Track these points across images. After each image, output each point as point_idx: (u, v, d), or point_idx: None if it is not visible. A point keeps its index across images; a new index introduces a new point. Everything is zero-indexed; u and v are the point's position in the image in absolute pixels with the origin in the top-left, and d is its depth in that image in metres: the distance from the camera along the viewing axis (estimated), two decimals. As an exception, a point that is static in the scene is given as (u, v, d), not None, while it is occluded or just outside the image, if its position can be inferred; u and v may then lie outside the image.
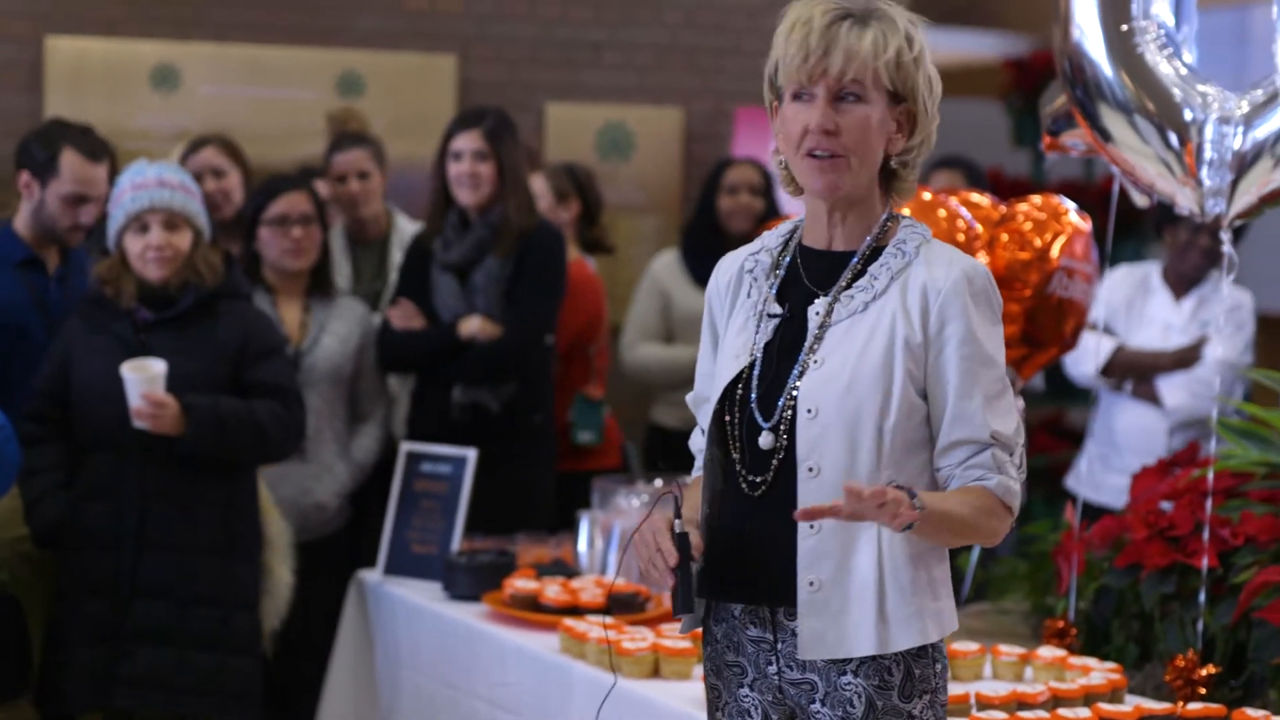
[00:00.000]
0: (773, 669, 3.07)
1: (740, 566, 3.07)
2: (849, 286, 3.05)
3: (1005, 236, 4.97)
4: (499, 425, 5.86)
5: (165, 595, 5.07)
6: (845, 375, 2.99)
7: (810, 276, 3.09)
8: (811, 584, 2.99)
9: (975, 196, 5.08)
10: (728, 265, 3.22)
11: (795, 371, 3.03)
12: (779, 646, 3.06)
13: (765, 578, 3.04)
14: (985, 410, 2.98)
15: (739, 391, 3.08)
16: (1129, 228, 9.16)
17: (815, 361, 3.01)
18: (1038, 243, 4.95)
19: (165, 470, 5.08)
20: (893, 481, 2.93)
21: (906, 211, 3.18)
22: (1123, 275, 6.86)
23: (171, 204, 5.15)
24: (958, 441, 3.00)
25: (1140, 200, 4.82)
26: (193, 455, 5.05)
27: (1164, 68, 4.34)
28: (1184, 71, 4.35)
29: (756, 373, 3.08)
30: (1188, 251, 6.68)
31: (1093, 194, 9.15)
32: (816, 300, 3.06)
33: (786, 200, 7.96)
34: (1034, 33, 10.96)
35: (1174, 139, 4.27)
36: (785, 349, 3.06)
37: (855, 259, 3.06)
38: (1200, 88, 4.31)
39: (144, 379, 4.99)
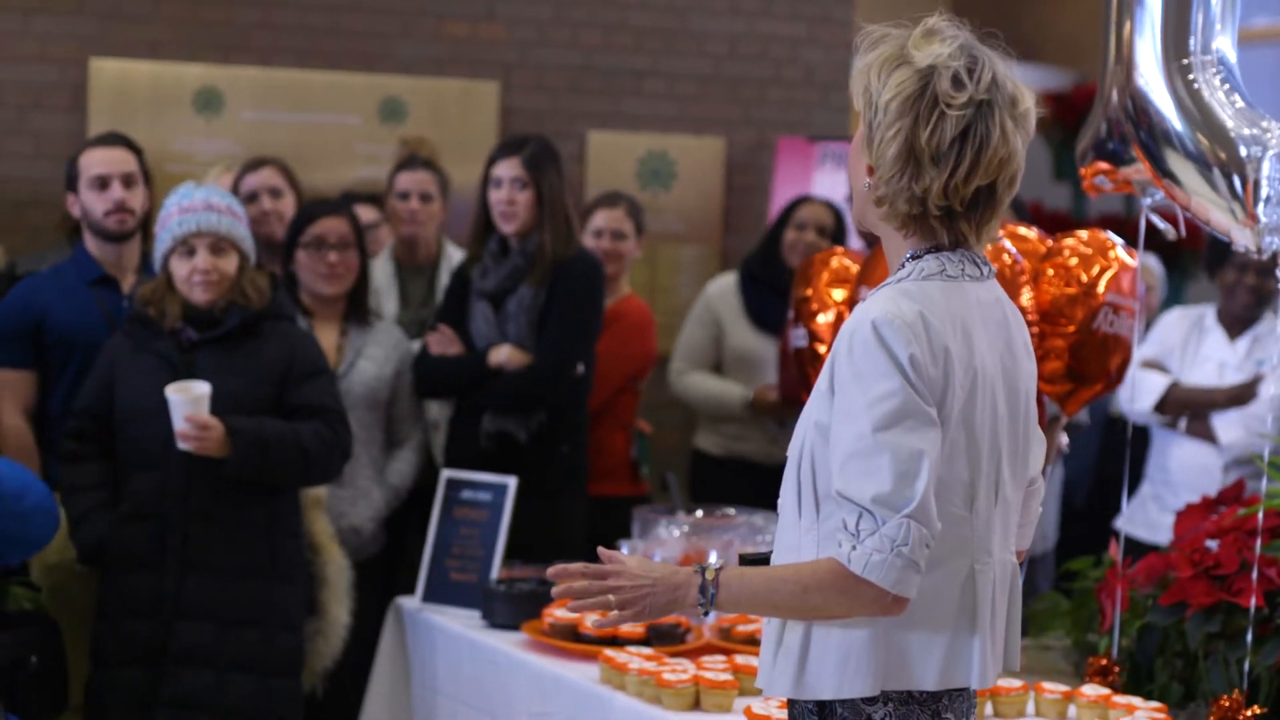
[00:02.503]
0: None
1: None
2: None
3: (1051, 271, 4.95)
4: (526, 455, 5.84)
5: (207, 617, 5.08)
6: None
7: None
8: (768, 621, 3.04)
9: (1023, 230, 5.06)
10: None
11: None
12: None
13: None
14: (838, 469, 2.84)
15: None
16: (1169, 264, 9.14)
17: None
18: (1084, 278, 4.92)
19: (208, 491, 5.09)
20: (810, 531, 2.91)
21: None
22: (1178, 316, 6.85)
23: (218, 228, 5.16)
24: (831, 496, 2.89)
25: (1170, 233, 4.81)
26: (237, 477, 5.05)
27: (1223, 104, 4.31)
28: (1240, 105, 4.32)
29: None
30: (1236, 291, 6.67)
31: (1132, 229, 9.12)
32: None
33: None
34: (1075, 67, 10.95)
35: (1238, 184, 4.23)
36: None
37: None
38: (1260, 124, 4.27)
39: (188, 400, 4.99)
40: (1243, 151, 4.24)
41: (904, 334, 2.84)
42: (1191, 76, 4.33)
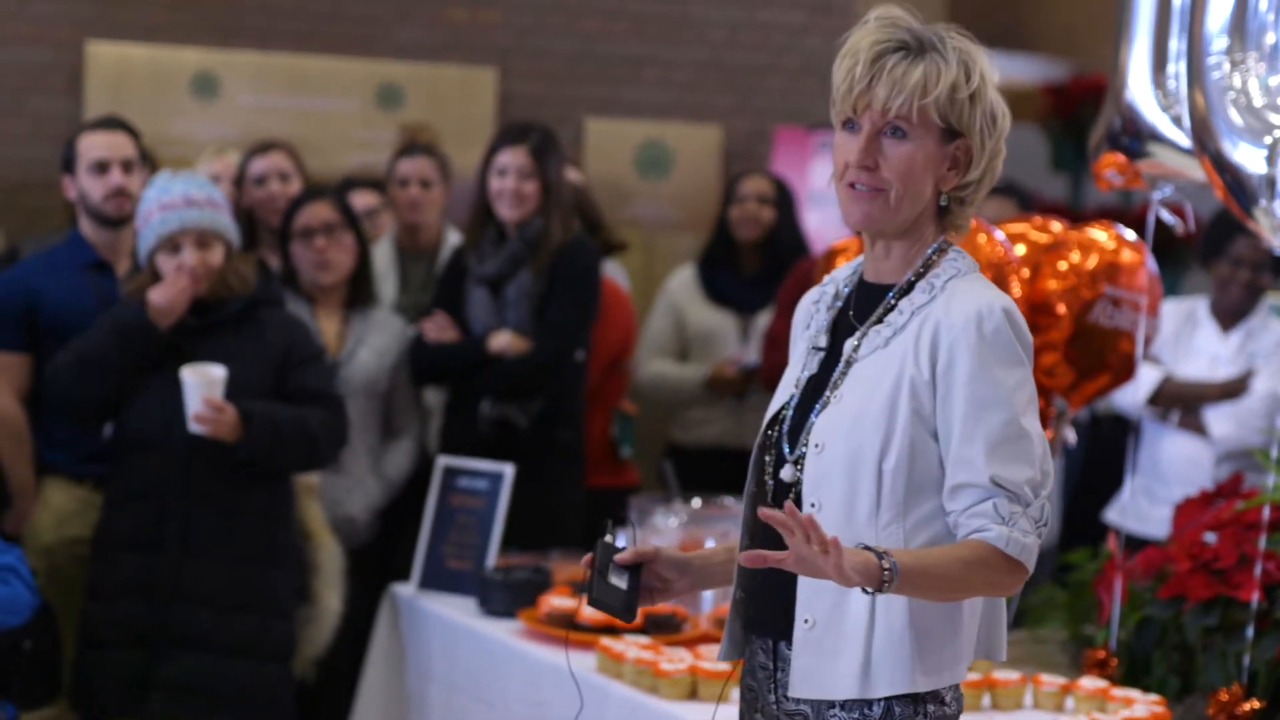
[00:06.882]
0: (772, 698, 3.06)
1: (759, 598, 3.08)
2: (880, 321, 3.00)
3: (1050, 264, 4.94)
4: (526, 441, 5.83)
5: (206, 601, 5.06)
6: (852, 412, 2.95)
7: (856, 310, 3.05)
8: (806, 621, 2.96)
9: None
10: (805, 298, 3.19)
11: (818, 406, 3.01)
12: (778, 676, 3.05)
13: (775, 611, 3.03)
14: (987, 455, 2.86)
15: (777, 425, 3.07)
16: (1167, 256, 9.13)
17: (836, 397, 2.98)
18: (1082, 270, 4.91)
19: (210, 475, 5.08)
20: (891, 525, 2.90)
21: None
22: (1170, 309, 6.85)
23: (201, 223, 5.14)
24: (959, 485, 2.89)
25: (1178, 227, 4.80)
26: (248, 461, 5.04)
27: (1254, 99, 4.25)
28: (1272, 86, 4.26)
29: (792, 405, 3.06)
30: (1230, 286, 6.69)
31: (1130, 220, 9.11)
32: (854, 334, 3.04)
33: (825, 218, 7.95)
34: (1073, 57, 10.94)
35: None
36: (820, 383, 3.04)
37: (892, 293, 3.01)
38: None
39: (205, 383, 4.98)
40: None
41: (1023, 322, 2.94)
42: (1220, 73, 4.26)
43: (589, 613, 4.77)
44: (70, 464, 5.44)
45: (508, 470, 5.38)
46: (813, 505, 2.96)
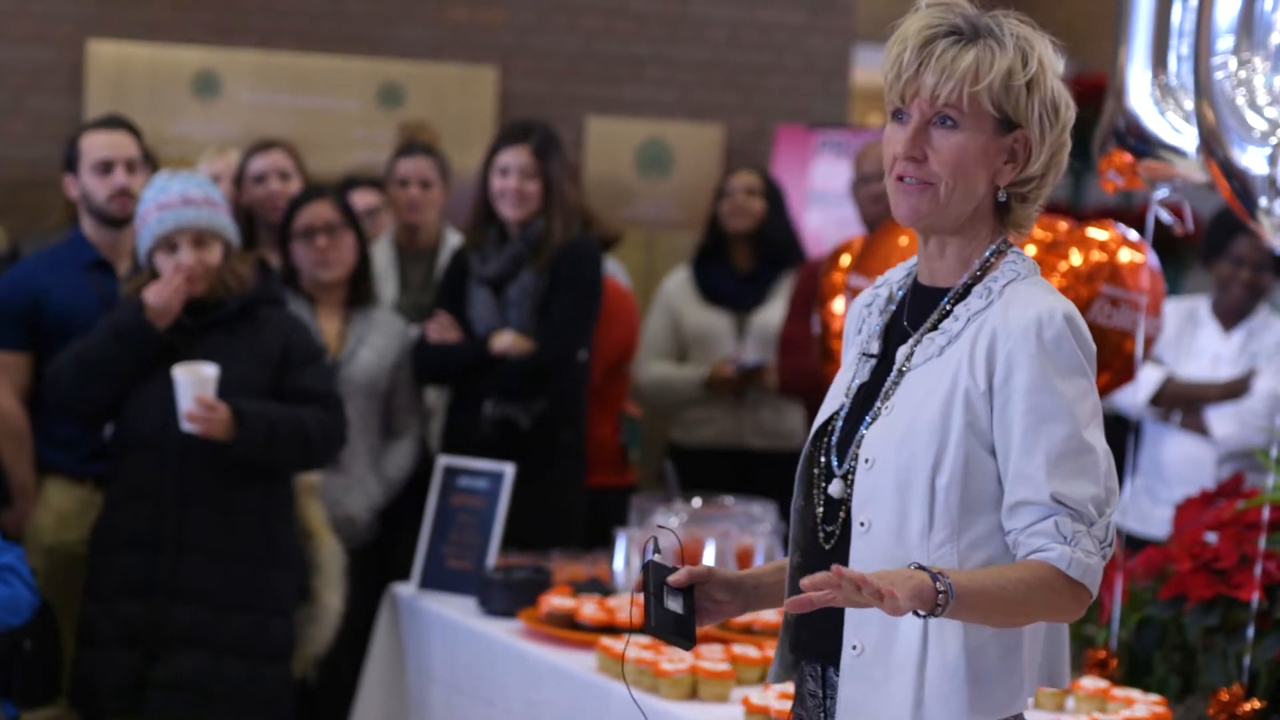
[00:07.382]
0: None
1: (808, 621, 2.90)
2: (934, 328, 2.84)
3: (1052, 264, 4.94)
4: (528, 441, 5.83)
5: (203, 600, 5.06)
6: (904, 424, 2.78)
7: (910, 314, 2.89)
8: (855, 648, 2.80)
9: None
10: (857, 301, 3.02)
11: (868, 417, 2.85)
12: (828, 705, 2.90)
13: (824, 635, 2.86)
14: (1048, 471, 2.69)
15: (826, 436, 2.91)
16: (1167, 255, 9.12)
17: (887, 408, 2.82)
18: (1080, 269, 4.91)
19: (206, 474, 5.08)
20: (945, 545, 2.75)
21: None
22: (1171, 309, 6.85)
23: (198, 222, 5.14)
24: (1019, 503, 2.72)
25: (1177, 226, 4.80)
26: (242, 460, 5.04)
27: (1255, 96, 4.24)
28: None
29: (842, 415, 2.90)
30: (1231, 285, 6.69)
31: (1131, 220, 9.10)
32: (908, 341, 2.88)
33: (826, 217, 7.94)
34: (1075, 56, 10.92)
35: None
36: (871, 392, 2.88)
37: (946, 298, 2.85)
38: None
39: (196, 381, 4.98)
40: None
41: (1085, 329, 2.78)
42: (1234, 71, 4.25)
43: (589, 612, 4.77)
44: (71, 463, 5.45)
45: (508, 470, 5.37)
46: (861, 524, 2.80)
